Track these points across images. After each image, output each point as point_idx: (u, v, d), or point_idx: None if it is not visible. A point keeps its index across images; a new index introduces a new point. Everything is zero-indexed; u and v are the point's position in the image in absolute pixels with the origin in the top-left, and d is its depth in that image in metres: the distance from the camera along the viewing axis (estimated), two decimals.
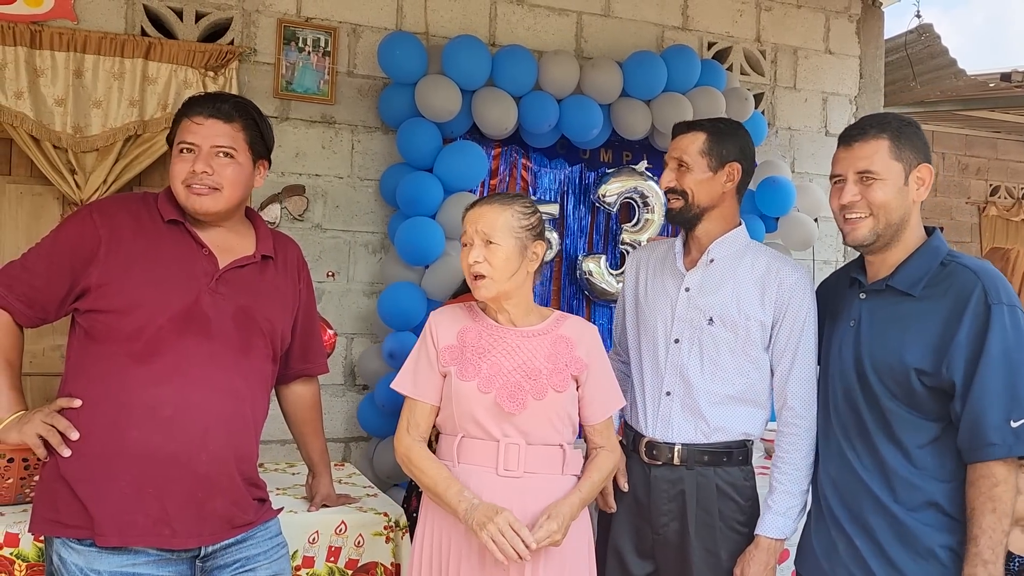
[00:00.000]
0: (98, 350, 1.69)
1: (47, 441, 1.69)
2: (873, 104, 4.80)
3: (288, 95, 3.68)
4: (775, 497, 1.97)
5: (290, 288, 1.96)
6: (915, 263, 1.77)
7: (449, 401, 1.89)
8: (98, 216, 1.74)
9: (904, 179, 1.77)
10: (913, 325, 1.72)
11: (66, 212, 3.45)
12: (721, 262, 2.04)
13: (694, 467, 2.01)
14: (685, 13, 4.39)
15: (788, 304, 1.98)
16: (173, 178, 1.79)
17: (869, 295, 1.82)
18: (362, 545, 2.12)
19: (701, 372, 2.00)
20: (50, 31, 3.30)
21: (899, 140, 1.77)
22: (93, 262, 1.70)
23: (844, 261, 4.73)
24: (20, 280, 1.73)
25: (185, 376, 1.69)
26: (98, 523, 1.63)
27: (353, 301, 3.82)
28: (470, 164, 3.62)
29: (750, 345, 2.00)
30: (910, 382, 1.70)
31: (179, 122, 1.82)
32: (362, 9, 3.81)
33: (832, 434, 1.86)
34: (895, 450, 1.73)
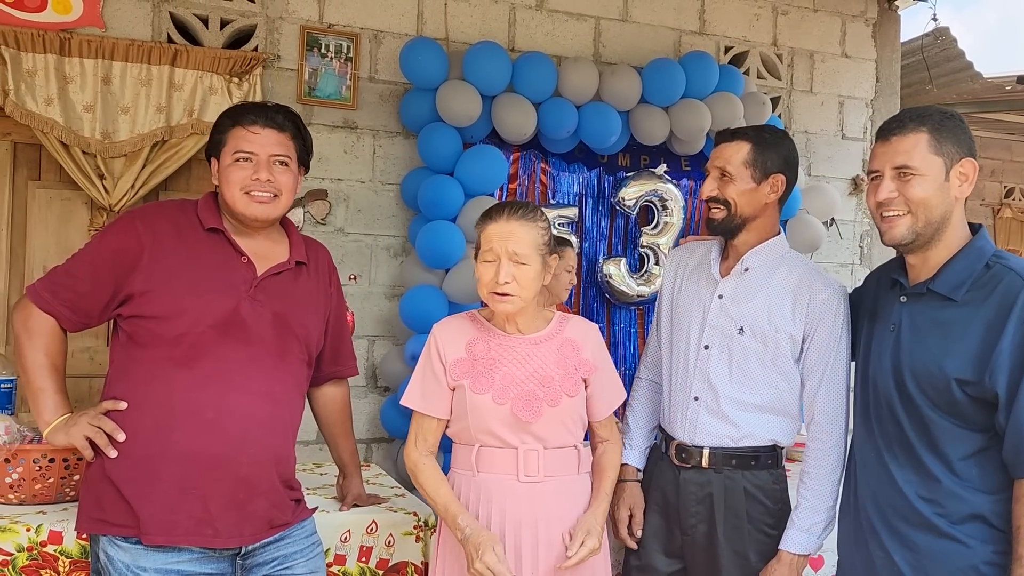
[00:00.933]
0: (141, 355, 1.74)
1: (93, 442, 1.74)
2: (889, 107, 4.82)
3: (311, 100, 3.73)
4: (799, 513, 1.97)
5: (322, 293, 2.01)
6: (958, 265, 1.66)
7: (464, 414, 1.90)
8: (140, 224, 1.79)
9: (945, 174, 1.66)
10: (954, 332, 1.63)
11: (94, 216, 3.51)
12: (756, 271, 2.04)
13: (722, 470, 2.01)
14: (702, 18, 4.43)
15: (820, 319, 1.97)
16: (230, 184, 1.82)
17: (910, 298, 1.73)
18: (392, 545, 2.16)
19: (729, 380, 2.01)
20: (79, 39, 3.37)
21: (940, 133, 1.66)
22: (136, 269, 1.75)
23: (860, 264, 4.76)
24: (65, 286, 1.78)
25: (226, 381, 1.74)
26: (144, 522, 1.68)
27: (375, 304, 3.86)
28: (490, 168, 3.66)
29: (779, 357, 1.99)
30: (951, 392, 1.62)
31: (226, 130, 1.85)
32: (383, 16, 3.86)
33: (872, 444, 1.77)
34: (938, 461, 1.64)
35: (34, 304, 1.78)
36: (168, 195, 3.65)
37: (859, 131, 4.78)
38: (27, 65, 3.31)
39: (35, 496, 2.04)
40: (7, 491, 2.00)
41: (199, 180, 3.71)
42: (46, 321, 1.78)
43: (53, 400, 1.80)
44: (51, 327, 1.79)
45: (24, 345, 1.78)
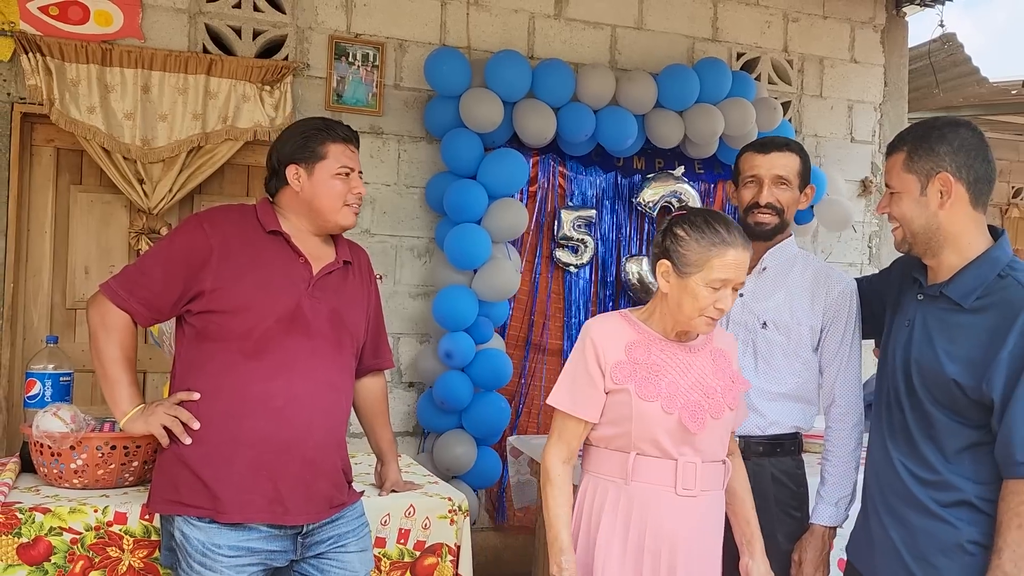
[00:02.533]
0: (212, 348, 1.89)
1: (169, 431, 1.89)
2: (897, 111, 4.94)
3: (339, 107, 3.88)
4: (827, 488, 2.13)
5: (365, 291, 2.16)
6: (971, 273, 1.74)
7: (624, 419, 1.84)
8: (208, 226, 1.93)
9: (920, 190, 1.76)
10: (959, 337, 1.72)
11: (134, 219, 3.66)
12: (773, 270, 2.19)
13: (751, 457, 2.13)
14: (715, 25, 4.56)
15: (837, 311, 2.14)
16: (332, 196, 1.98)
17: (926, 299, 1.82)
18: (429, 528, 2.30)
19: (756, 372, 2.16)
20: (119, 49, 3.52)
21: (916, 151, 1.76)
22: (206, 268, 1.89)
23: (869, 264, 4.88)
24: (139, 285, 1.92)
25: (292, 371, 1.89)
26: (221, 502, 1.83)
27: (400, 303, 4.01)
28: (512, 171, 3.80)
29: (801, 347, 2.14)
30: (951, 391, 1.72)
31: (323, 143, 1.99)
32: (408, 25, 4.01)
33: (880, 430, 1.90)
34: (934, 450, 1.75)
35: (110, 301, 1.92)
36: (203, 199, 3.81)
37: (868, 134, 4.91)
38: (71, 75, 3.47)
39: (97, 481, 2.17)
40: (72, 476, 2.15)
41: (232, 184, 3.86)
42: (121, 317, 1.92)
43: (128, 391, 1.94)
44: (126, 322, 1.93)
45: (101, 340, 1.92)
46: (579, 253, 4.20)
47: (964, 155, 1.75)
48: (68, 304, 3.68)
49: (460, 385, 3.73)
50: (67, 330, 3.64)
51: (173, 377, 1.99)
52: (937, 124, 1.79)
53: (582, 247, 4.20)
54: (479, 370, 3.78)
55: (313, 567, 1.96)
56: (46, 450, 2.13)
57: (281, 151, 2.02)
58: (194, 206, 3.81)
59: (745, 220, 2.18)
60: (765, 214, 2.15)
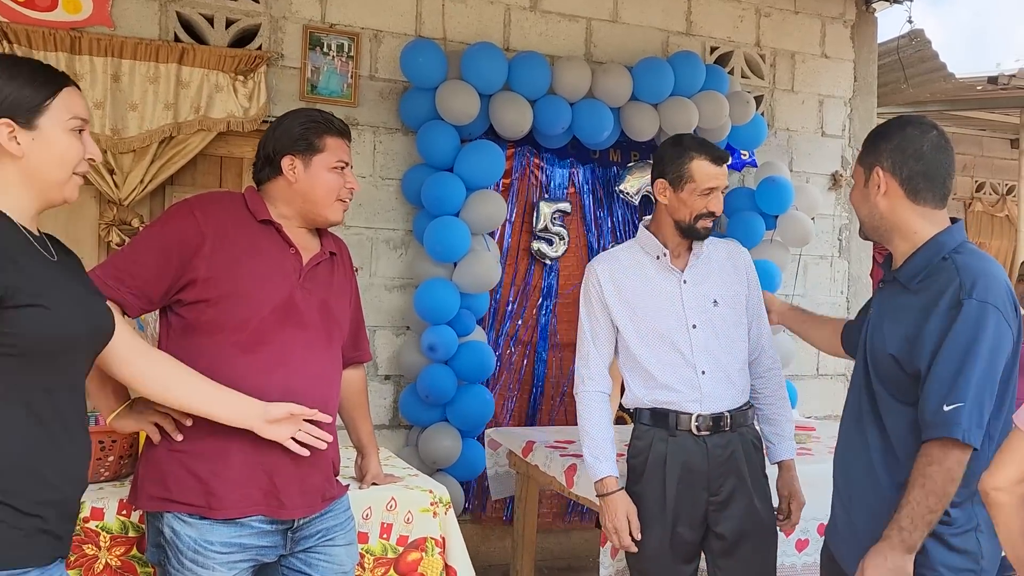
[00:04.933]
0: (203, 341, 1.84)
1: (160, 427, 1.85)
2: (867, 106, 5.01)
3: (313, 98, 3.84)
4: (781, 427, 2.40)
5: (347, 282, 2.14)
6: (918, 257, 1.85)
7: None
8: (199, 213, 1.88)
9: (864, 181, 1.90)
10: (899, 316, 1.83)
11: (104, 210, 3.60)
12: (704, 254, 2.37)
13: (737, 429, 2.30)
14: (689, 19, 4.58)
15: (748, 273, 2.41)
16: (327, 189, 1.95)
17: (884, 285, 1.95)
18: (411, 521, 2.29)
19: (721, 348, 2.30)
20: (89, 37, 3.45)
21: (865, 146, 1.93)
22: (198, 256, 1.84)
23: (839, 257, 4.95)
24: (130, 273, 1.84)
25: (287, 365, 1.86)
26: (216, 498, 1.80)
27: (376, 295, 3.99)
28: (489, 163, 3.80)
29: (741, 315, 2.36)
30: (891, 369, 1.81)
31: (320, 135, 1.95)
32: (383, 16, 3.98)
33: (844, 416, 1.99)
34: (879, 433, 1.84)
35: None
36: (175, 190, 3.75)
37: (838, 129, 4.97)
38: None
39: None
40: None
41: (205, 175, 3.81)
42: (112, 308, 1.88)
43: (115, 387, 1.88)
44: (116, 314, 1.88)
45: None
46: (554, 246, 4.21)
47: (900, 152, 1.86)
48: None
49: (444, 378, 3.73)
50: None
51: None
52: (894, 122, 1.92)
53: (557, 240, 4.21)
54: (463, 363, 3.77)
55: (301, 561, 1.94)
56: None
57: (277, 141, 1.97)
58: (166, 197, 3.75)
59: (694, 225, 2.29)
60: (712, 220, 2.31)
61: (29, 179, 1.43)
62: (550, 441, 3.03)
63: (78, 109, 1.48)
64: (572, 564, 4.28)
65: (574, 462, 2.71)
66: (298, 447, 1.83)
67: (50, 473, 1.38)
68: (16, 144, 1.41)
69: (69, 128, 1.46)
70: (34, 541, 1.36)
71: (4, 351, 1.32)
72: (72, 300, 1.43)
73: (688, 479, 2.27)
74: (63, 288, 1.42)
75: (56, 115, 1.44)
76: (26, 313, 1.33)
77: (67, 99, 1.46)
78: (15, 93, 1.40)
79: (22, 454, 1.34)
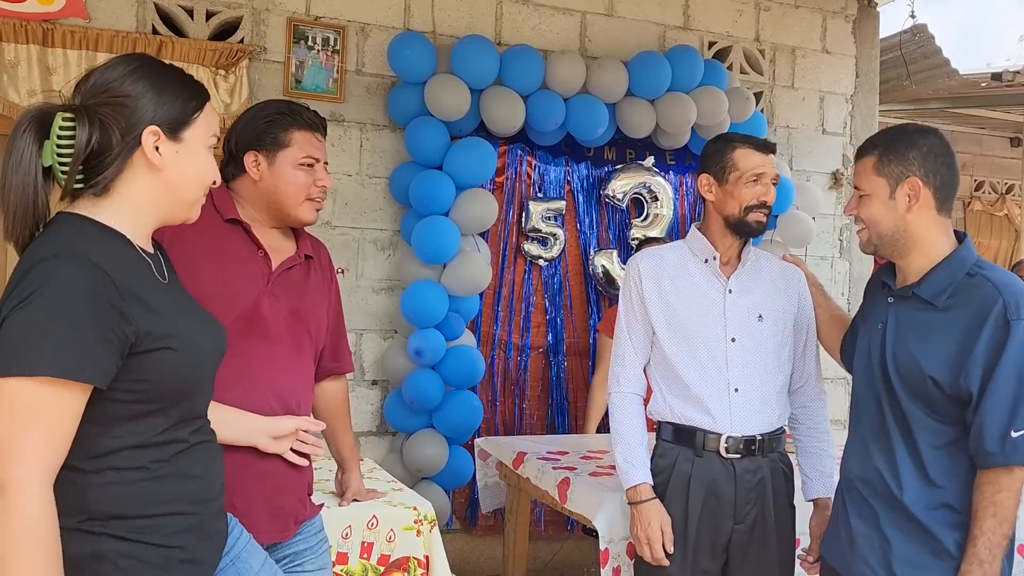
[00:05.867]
0: None
1: None
2: (868, 103, 4.89)
3: (298, 93, 3.70)
4: (821, 463, 2.21)
5: (325, 288, 2.00)
6: (940, 273, 1.80)
7: None
8: None
9: (890, 193, 1.81)
10: (933, 336, 1.77)
11: None
12: (751, 264, 2.19)
13: (768, 455, 2.15)
14: (686, 13, 4.46)
15: (801, 296, 2.23)
16: (295, 187, 1.81)
17: (897, 300, 1.87)
18: (393, 540, 2.17)
19: (760, 367, 2.14)
20: (62, 29, 3.31)
21: (887, 155, 1.81)
22: None
23: (840, 257, 4.83)
24: None
25: (251, 380, 1.73)
26: None
27: (362, 298, 3.86)
28: (480, 161, 3.67)
29: (787, 335, 2.19)
30: (927, 389, 1.76)
31: (285, 129, 1.81)
32: (370, 8, 3.84)
33: (858, 431, 1.92)
34: (911, 451, 1.78)
35: None
36: None
37: (839, 126, 4.85)
38: (9, 56, 3.25)
39: None
40: None
41: None
42: None
43: None
44: None
45: None
46: (548, 246, 4.08)
47: (932, 161, 1.80)
48: None
49: (430, 383, 3.59)
50: None
51: None
52: (908, 130, 1.86)
53: (552, 240, 4.08)
54: (450, 368, 3.64)
55: None
56: None
57: (240, 135, 1.84)
58: None
59: (744, 218, 2.13)
60: (765, 213, 2.14)
61: (162, 194, 1.33)
62: (542, 452, 2.90)
63: (216, 127, 1.40)
64: (564, 573, 4.17)
65: (567, 475, 2.58)
66: (297, 457, 1.77)
67: (184, 504, 1.32)
68: (158, 155, 1.30)
69: (208, 145, 1.38)
70: (174, 571, 1.29)
71: (129, 399, 1.24)
72: (192, 329, 1.34)
73: (713, 504, 2.12)
74: (181, 317, 1.33)
75: (200, 130, 1.35)
76: (154, 358, 1.24)
77: (210, 115, 1.38)
78: (166, 103, 1.31)
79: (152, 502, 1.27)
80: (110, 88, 1.28)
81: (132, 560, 1.24)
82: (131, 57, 1.33)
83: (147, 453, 1.27)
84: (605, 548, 2.34)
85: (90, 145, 1.25)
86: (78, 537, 1.20)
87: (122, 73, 1.29)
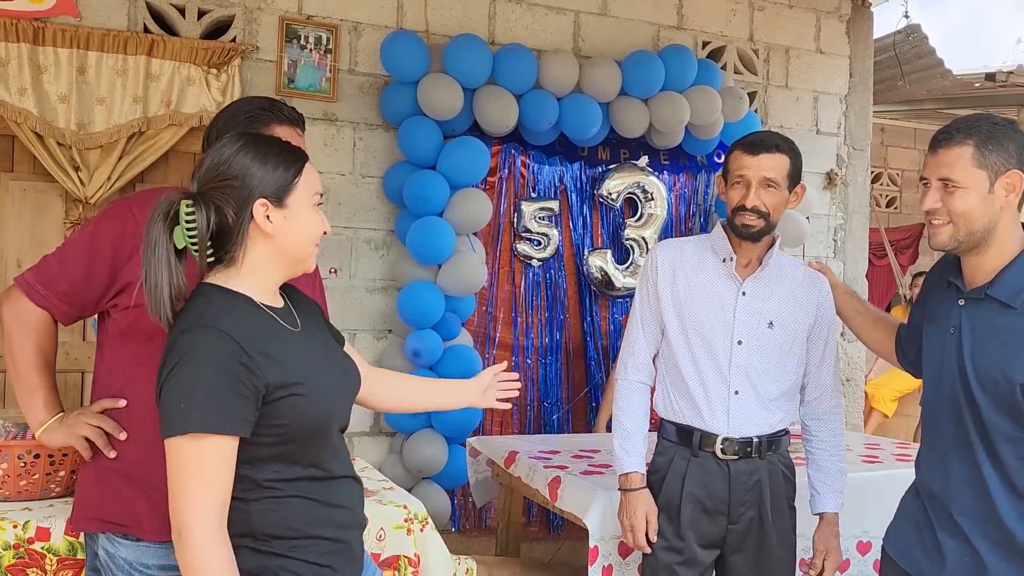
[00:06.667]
0: (140, 349, 1.68)
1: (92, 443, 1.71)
2: (863, 103, 4.89)
3: (290, 92, 3.70)
4: (833, 476, 2.20)
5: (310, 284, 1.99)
6: (1015, 272, 1.72)
7: None
8: (137, 210, 1.72)
9: (989, 187, 1.71)
10: (1016, 339, 1.68)
11: (70, 209, 3.45)
12: (769, 270, 2.16)
13: (766, 456, 2.14)
14: (680, 12, 4.45)
15: (824, 306, 2.20)
16: None
17: (968, 302, 1.78)
18: (384, 539, 2.15)
19: (764, 372, 2.12)
20: (53, 28, 3.30)
21: (986, 146, 1.70)
22: (134, 258, 1.67)
23: (834, 257, 4.83)
24: (59, 277, 1.71)
25: None
26: (150, 519, 1.65)
27: (356, 298, 3.85)
28: (473, 160, 3.66)
29: (797, 345, 2.16)
30: (1015, 397, 1.66)
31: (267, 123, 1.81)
32: (363, 7, 3.84)
33: (935, 442, 1.83)
34: (994, 462, 1.70)
35: (27, 297, 1.72)
36: (145, 187, 3.59)
37: (833, 126, 4.85)
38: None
39: (20, 493, 2.01)
40: None
41: (176, 172, 3.66)
42: (39, 315, 1.72)
43: (45, 398, 1.74)
44: (45, 321, 1.73)
45: (16, 341, 1.72)
46: (541, 246, 4.07)
47: None
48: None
49: None
50: None
51: (95, 380, 1.78)
52: (998, 120, 1.75)
53: (544, 240, 4.07)
54: (448, 368, 3.62)
55: None
56: None
57: (222, 132, 1.83)
58: None
59: (732, 220, 2.12)
60: (751, 217, 2.09)
61: (278, 255, 1.50)
62: (534, 452, 2.89)
63: (317, 185, 1.55)
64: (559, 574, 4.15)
65: (558, 474, 2.57)
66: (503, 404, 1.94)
67: (331, 530, 1.52)
68: (270, 223, 1.47)
69: (312, 204, 1.53)
70: None
71: (271, 440, 1.44)
72: (323, 374, 1.52)
73: (706, 503, 2.12)
74: (311, 364, 1.51)
75: (302, 193, 1.51)
76: (284, 404, 1.43)
77: (309, 176, 1.53)
78: (268, 175, 1.47)
79: (304, 524, 1.49)
80: (219, 172, 1.46)
81: (290, 573, 1.46)
82: (234, 138, 1.49)
83: (297, 485, 1.48)
84: (595, 546, 2.34)
85: (210, 226, 1.43)
86: (247, 554, 1.43)
87: (228, 155, 1.46)
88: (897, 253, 8.17)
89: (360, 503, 1.64)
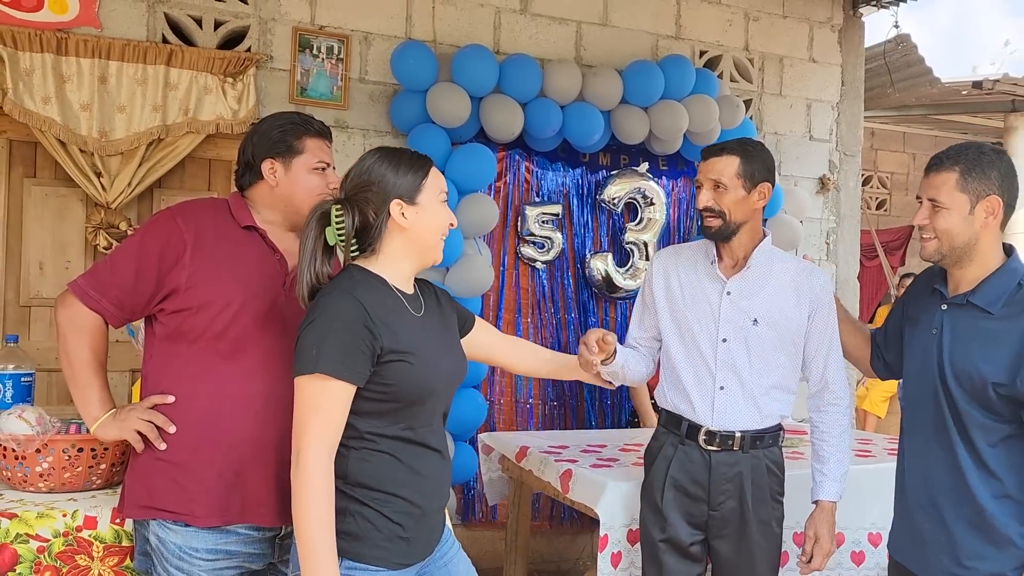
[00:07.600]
0: (186, 349, 1.83)
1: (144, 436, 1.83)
2: (854, 110, 5.04)
3: (303, 100, 3.81)
4: (830, 466, 2.27)
5: None
6: (994, 283, 1.94)
7: None
8: (181, 221, 1.86)
9: (970, 209, 1.92)
10: (991, 342, 1.90)
11: (91, 214, 3.56)
12: (756, 268, 2.26)
13: (749, 450, 2.23)
14: (678, 23, 4.59)
15: (820, 302, 2.26)
16: (308, 190, 1.92)
17: (951, 307, 1.99)
18: None
19: (750, 368, 2.23)
20: (75, 38, 3.41)
21: (970, 173, 1.92)
22: (179, 264, 1.82)
23: (827, 260, 4.97)
24: (111, 284, 1.84)
25: (270, 372, 1.84)
26: (198, 506, 1.78)
27: None
28: (481, 166, 3.79)
29: (787, 340, 2.25)
30: (987, 391, 1.88)
31: (299, 137, 1.93)
32: (373, 18, 3.96)
33: (916, 431, 2.04)
34: (968, 447, 1.91)
35: (80, 302, 1.84)
36: (163, 193, 3.71)
37: (825, 132, 5.00)
38: (24, 64, 3.35)
39: (64, 485, 2.11)
40: (37, 480, 2.08)
41: (193, 178, 3.78)
42: (92, 318, 1.85)
43: (99, 396, 1.87)
44: (97, 324, 1.86)
45: (71, 342, 1.85)
46: (545, 249, 4.20)
47: (1009, 181, 1.95)
48: (22, 301, 3.56)
49: None
50: (21, 328, 3.52)
51: (144, 379, 1.92)
52: (985, 149, 1.97)
53: (548, 243, 4.20)
54: None
55: None
56: (10, 453, 2.06)
57: (257, 145, 1.96)
58: (154, 200, 3.71)
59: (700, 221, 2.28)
60: (708, 217, 2.24)
61: (411, 246, 1.77)
62: (544, 447, 3.02)
63: (442, 184, 1.81)
64: (561, 567, 4.28)
65: (569, 467, 2.70)
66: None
67: (410, 493, 1.70)
68: (404, 219, 1.73)
69: (439, 200, 1.79)
70: (392, 545, 1.68)
71: (378, 397, 1.67)
72: (432, 352, 1.75)
73: (688, 490, 2.25)
74: (423, 342, 1.74)
75: (430, 192, 1.77)
76: (394, 367, 1.67)
77: (435, 177, 1.79)
78: (401, 179, 1.73)
79: (387, 481, 1.69)
80: (361, 181, 1.74)
81: (364, 520, 1.66)
82: (372, 151, 1.77)
83: (391, 443, 1.69)
84: (605, 534, 2.47)
85: (355, 225, 1.72)
86: (338, 494, 1.63)
87: (368, 166, 1.74)
88: (887, 254, 8.35)
89: (446, 480, 1.82)
